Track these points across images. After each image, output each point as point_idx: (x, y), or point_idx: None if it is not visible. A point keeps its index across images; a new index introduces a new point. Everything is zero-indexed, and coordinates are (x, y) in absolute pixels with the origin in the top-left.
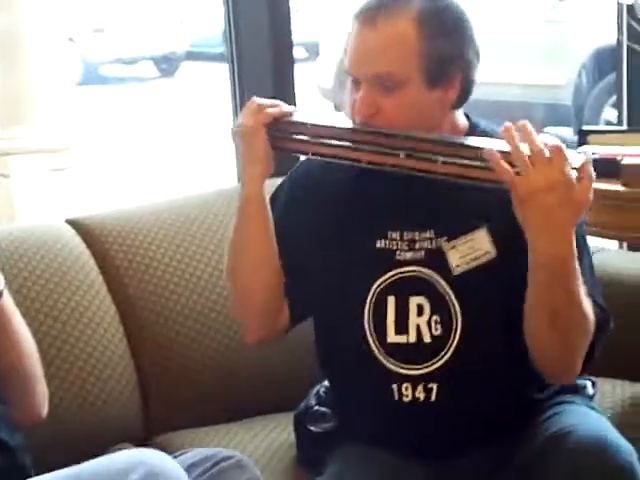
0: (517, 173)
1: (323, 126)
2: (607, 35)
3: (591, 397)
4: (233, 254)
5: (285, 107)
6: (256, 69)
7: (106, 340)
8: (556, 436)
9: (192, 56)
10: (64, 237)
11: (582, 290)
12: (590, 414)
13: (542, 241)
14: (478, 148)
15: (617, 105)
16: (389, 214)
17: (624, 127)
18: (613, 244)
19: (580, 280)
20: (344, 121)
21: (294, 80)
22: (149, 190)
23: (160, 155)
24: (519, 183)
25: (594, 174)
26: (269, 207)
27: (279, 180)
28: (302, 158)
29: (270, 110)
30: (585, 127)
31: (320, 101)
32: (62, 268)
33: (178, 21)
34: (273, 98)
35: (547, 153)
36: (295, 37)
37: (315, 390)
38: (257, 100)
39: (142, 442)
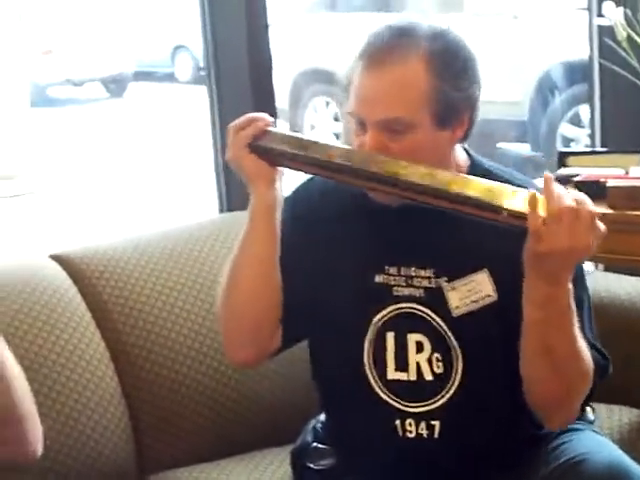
0: (543, 222)
1: (317, 160)
2: (563, 52)
3: (591, 422)
4: (234, 267)
5: (260, 121)
6: (236, 90)
7: (97, 378)
8: (568, 464)
9: (140, 77)
10: (49, 273)
11: (578, 332)
12: (600, 441)
13: (540, 284)
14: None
15: (590, 124)
16: (387, 248)
17: (600, 148)
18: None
19: (576, 320)
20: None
21: (274, 100)
22: (110, 215)
23: (116, 178)
24: (544, 236)
25: (603, 228)
26: (278, 224)
27: None
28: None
29: (246, 131)
30: (563, 149)
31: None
32: (49, 305)
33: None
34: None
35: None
36: None
37: (311, 426)
38: (233, 123)
39: None
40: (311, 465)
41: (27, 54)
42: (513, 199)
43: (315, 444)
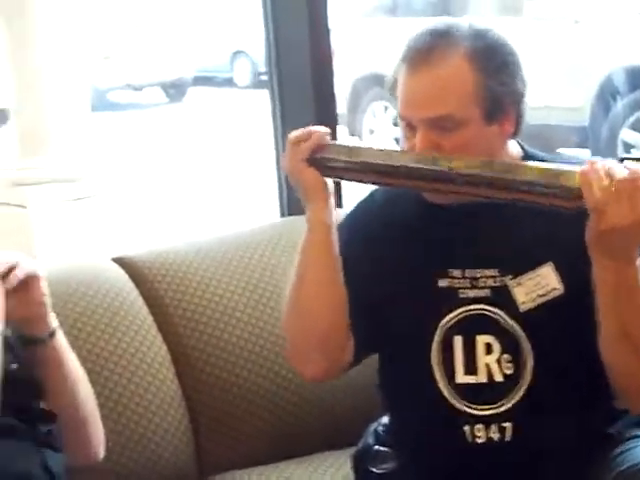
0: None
1: (374, 165)
2: (625, 56)
3: None
4: (297, 281)
5: (319, 134)
6: (297, 93)
7: (158, 381)
8: (631, 472)
9: (199, 81)
10: (112, 276)
11: None
12: None
13: (607, 263)
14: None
15: None
16: (449, 252)
17: None
18: None
19: None
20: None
21: (335, 104)
22: (171, 218)
23: (177, 181)
24: (603, 213)
25: None
26: (336, 235)
27: None
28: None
29: (305, 145)
30: (624, 155)
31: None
32: (111, 308)
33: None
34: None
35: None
36: None
37: (372, 428)
38: (292, 136)
39: None
40: (373, 469)
41: (88, 59)
42: (570, 177)
43: (377, 447)
